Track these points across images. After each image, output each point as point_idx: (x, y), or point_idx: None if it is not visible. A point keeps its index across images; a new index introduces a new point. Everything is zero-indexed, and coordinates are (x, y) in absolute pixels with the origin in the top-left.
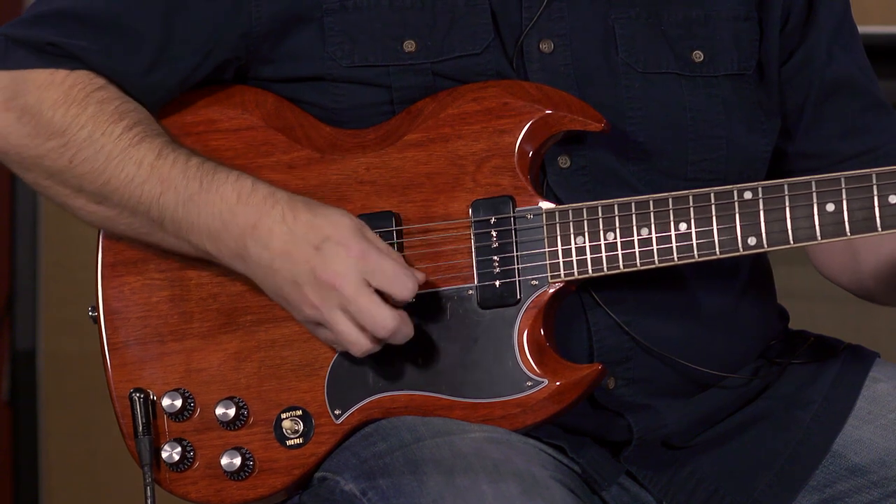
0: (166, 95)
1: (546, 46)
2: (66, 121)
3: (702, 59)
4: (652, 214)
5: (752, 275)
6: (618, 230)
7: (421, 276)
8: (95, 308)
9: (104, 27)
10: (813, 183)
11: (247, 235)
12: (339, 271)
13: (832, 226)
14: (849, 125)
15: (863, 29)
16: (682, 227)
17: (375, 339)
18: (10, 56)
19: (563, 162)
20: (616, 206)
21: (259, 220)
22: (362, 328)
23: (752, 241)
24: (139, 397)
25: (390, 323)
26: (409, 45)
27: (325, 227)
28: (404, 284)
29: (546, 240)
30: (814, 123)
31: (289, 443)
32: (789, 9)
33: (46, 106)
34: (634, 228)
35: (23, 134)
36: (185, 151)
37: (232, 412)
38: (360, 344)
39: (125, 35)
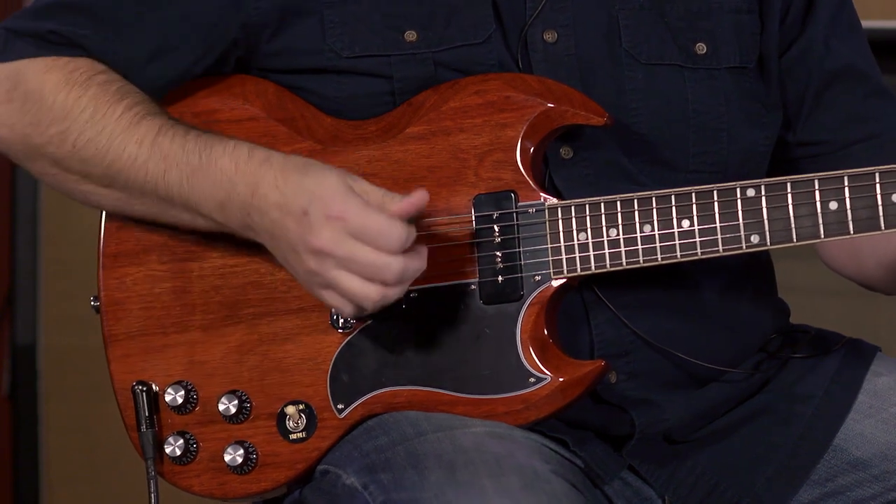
0: (167, 86)
1: (550, 36)
2: (67, 103)
3: (704, 51)
4: (655, 211)
5: (753, 269)
6: (620, 227)
7: (417, 198)
8: (97, 298)
9: (105, 18)
10: (816, 181)
11: (248, 204)
12: (326, 236)
13: (836, 224)
14: (851, 113)
15: (863, 24)
16: (685, 224)
17: (387, 285)
18: (11, 48)
19: (566, 153)
20: (619, 203)
21: (256, 187)
22: (369, 280)
23: (754, 238)
24: (141, 390)
25: (396, 265)
26: (410, 35)
27: (309, 189)
28: (390, 237)
29: (548, 235)
30: (813, 113)
31: (292, 437)
32: (790, 1)
33: (48, 90)
34: (637, 225)
35: (26, 122)
36: (184, 126)
37: (235, 405)
38: (372, 295)
39: (126, 26)
